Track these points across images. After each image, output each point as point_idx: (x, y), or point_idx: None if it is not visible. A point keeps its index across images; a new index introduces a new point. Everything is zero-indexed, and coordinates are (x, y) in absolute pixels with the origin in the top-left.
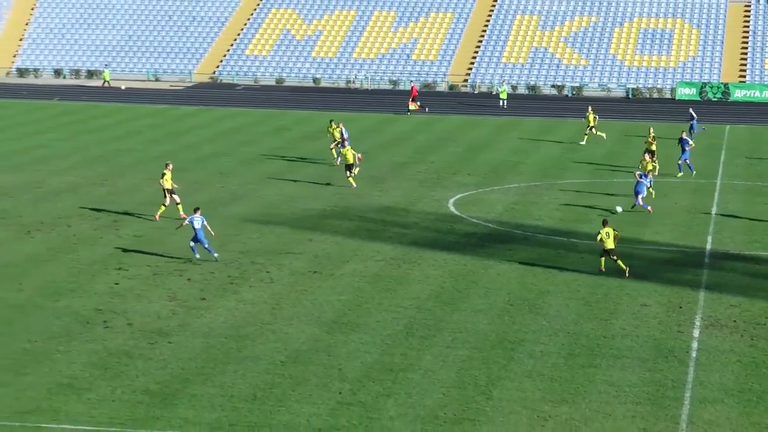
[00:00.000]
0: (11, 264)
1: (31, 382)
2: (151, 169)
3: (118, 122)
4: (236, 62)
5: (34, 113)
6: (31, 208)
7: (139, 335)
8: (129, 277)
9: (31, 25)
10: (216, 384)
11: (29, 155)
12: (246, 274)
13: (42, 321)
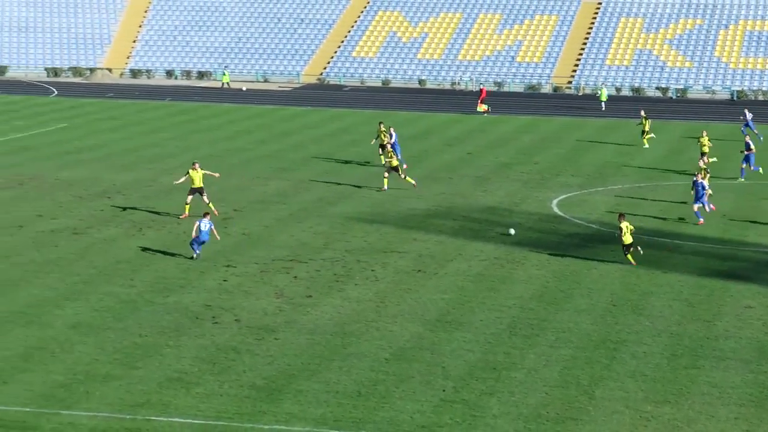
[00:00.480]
0: (123, 260)
1: (141, 375)
2: (260, 169)
3: (228, 122)
4: (343, 64)
5: (146, 113)
6: (143, 206)
7: (247, 331)
8: (237, 274)
9: (144, 27)
10: (321, 380)
11: (141, 154)
12: (351, 272)
13: (152, 316)
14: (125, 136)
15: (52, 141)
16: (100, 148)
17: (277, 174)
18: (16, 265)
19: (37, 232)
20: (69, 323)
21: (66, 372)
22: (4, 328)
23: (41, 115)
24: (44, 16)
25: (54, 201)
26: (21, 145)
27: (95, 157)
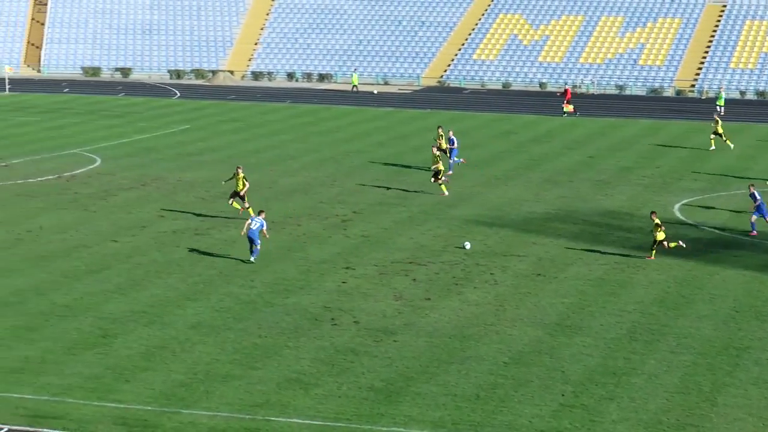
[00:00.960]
0: (243, 261)
1: (261, 376)
2: (379, 171)
3: (348, 124)
4: (464, 66)
5: (267, 115)
6: (263, 208)
7: (365, 333)
8: (356, 276)
9: (266, 29)
10: (439, 383)
11: (262, 156)
12: (470, 275)
13: (272, 317)
14: (246, 138)
15: (174, 142)
16: (221, 150)
17: (397, 176)
18: (139, 266)
19: (159, 233)
20: (190, 323)
21: (186, 371)
22: (126, 328)
23: (164, 117)
24: (168, 19)
25: (176, 202)
26: (144, 147)
27: (217, 159)
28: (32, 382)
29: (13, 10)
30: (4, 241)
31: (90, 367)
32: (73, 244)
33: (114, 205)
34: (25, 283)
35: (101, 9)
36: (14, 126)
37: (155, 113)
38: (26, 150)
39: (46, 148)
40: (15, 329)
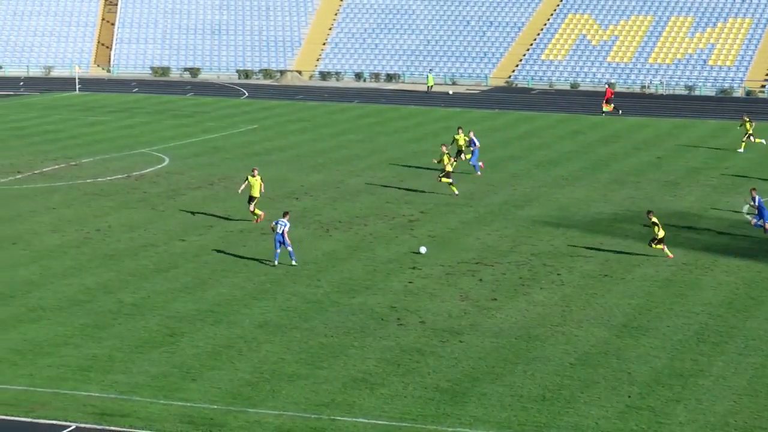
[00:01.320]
0: (310, 261)
1: (327, 375)
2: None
3: (416, 125)
4: (532, 66)
5: (335, 115)
6: (330, 207)
7: (431, 333)
8: (422, 276)
9: (334, 29)
10: (505, 383)
11: (330, 156)
12: (537, 275)
13: (338, 317)
14: (314, 138)
15: (242, 142)
16: (289, 150)
17: (463, 177)
18: (206, 265)
19: (226, 232)
20: (256, 322)
21: (253, 370)
22: (193, 326)
23: (232, 117)
24: (236, 19)
25: (243, 201)
26: (212, 146)
27: (284, 158)
28: (100, 380)
29: (83, 11)
30: (74, 240)
31: (157, 366)
32: (141, 243)
33: (182, 204)
34: (94, 282)
35: (171, 9)
36: (84, 125)
37: (223, 113)
38: (96, 149)
39: (116, 147)
40: (83, 327)
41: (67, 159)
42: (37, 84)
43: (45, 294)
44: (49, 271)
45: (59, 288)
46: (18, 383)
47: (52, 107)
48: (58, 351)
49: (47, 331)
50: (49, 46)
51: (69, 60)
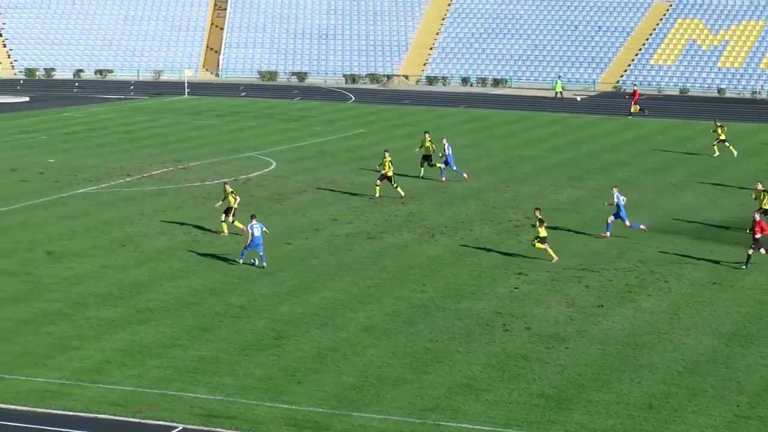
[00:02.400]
0: (416, 265)
1: (432, 380)
2: (553, 177)
3: (523, 129)
4: (640, 72)
5: (441, 120)
6: (435, 212)
7: (537, 339)
8: (528, 282)
9: (441, 34)
10: (612, 391)
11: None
12: (644, 282)
13: (443, 321)
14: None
15: (348, 146)
16: (395, 154)
17: (571, 182)
18: (312, 268)
19: (332, 236)
20: (361, 326)
21: (358, 374)
22: (299, 330)
23: (339, 121)
24: (344, 24)
25: (349, 205)
26: (318, 150)
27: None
28: (207, 381)
29: (193, 15)
30: (182, 243)
31: (263, 368)
32: None
33: (288, 207)
34: (201, 284)
35: (279, 14)
36: (193, 129)
37: (330, 117)
38: (204, 153)
39: (223, 151)
40: (191, 329)
41: (175, 162)
42: (147, 88)
43: (153, 296)
44: (157, 273)
45: (167, 290)
46: (126, 384)
47: (161, 111)
48: (165, 352)
49: (155, 332)
50: (159, 50)
51: (178, 64)
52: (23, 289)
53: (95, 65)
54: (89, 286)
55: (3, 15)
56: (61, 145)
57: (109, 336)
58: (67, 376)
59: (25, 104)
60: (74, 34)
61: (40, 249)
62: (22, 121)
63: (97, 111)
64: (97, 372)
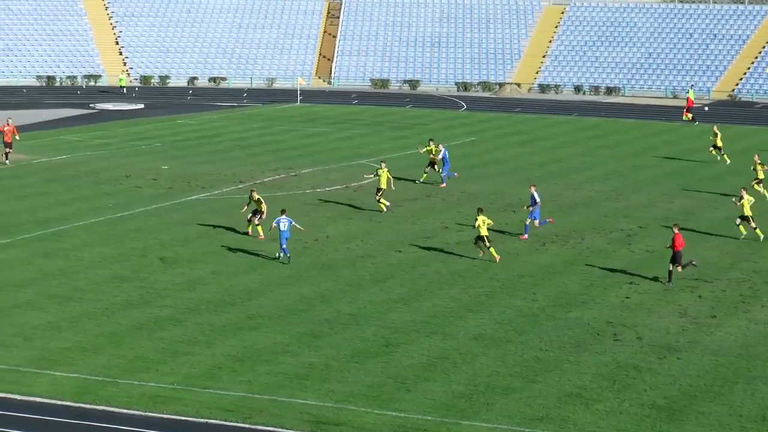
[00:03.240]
0: (526, 274)
1: (541, 390)
2: (666, 186)
3: (635, 138)
4: (756, 80)
5: (553, 128)
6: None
7: (648, 350)
8: (640, 292)
9: (554, 42)
10: (724, 402)
11: (548, 169)
12: (758, 293)
13: (553, 330)
14: (532, 151)
15: (460, 154)
16: (506, 162)
17: (684, 191)
18: (422, 276)
19: (442, 244)
20: (471, 335)
21: (467, 383)
22: (408, 337)
23: (450, 129)
24: (456, 32)
25: (460, 213)
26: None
27: (502, 171)
28: (316, 388)
29: (306, 24)
30: (292, 249)
31: (372, 376)
32: (358, 253)
33: (399, 215)
34: (311, 291)
35: (392, 22)
36: (305, 136)
37: (442, 125)
38: (315, 160)
39: (335, 158)
40: (301, 336)
41: (287, 169)
42: (260, 95)
43: (264, 302)
44: (268, 279)
45: (278, 296)
46: (237, 389)
47: (273, 118)
48: (275, 359)
49: (265, 338)
50: (272, 58)
51: (291, 72)
52: (136, 295)
53: (209, 73)
54: (201, 291)
55: (119, 24)
56: (175, 152)
57: (220, 342)
58: (178, 381)
59: (141, 111)
60: (188, 42)
61: (153, 255)
62: (137, 128)
63: (211, 118)
64: (208, 377)
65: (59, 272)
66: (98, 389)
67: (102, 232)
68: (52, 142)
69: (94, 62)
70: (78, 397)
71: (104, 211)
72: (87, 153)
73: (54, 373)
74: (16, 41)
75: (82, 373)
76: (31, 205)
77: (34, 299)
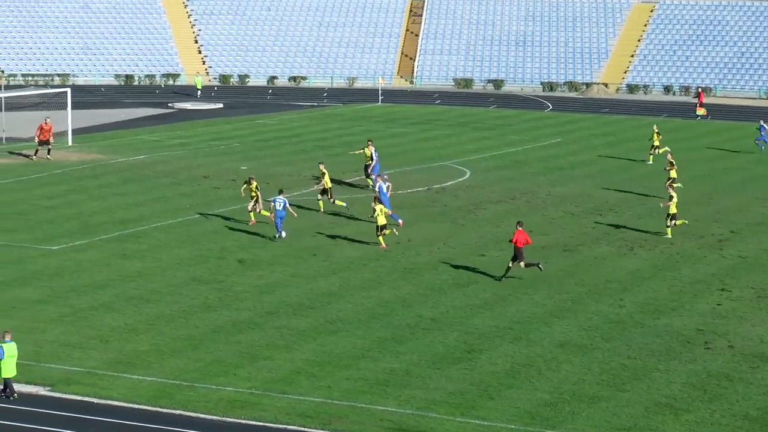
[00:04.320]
0: (614, 279)
1: (629, 398)
2: (760, 189)
3: (727, 140)
4: None
5: (641, 129)
6: (634, 224)
7: (741, 358)
8: (732, 299)
9: (643, 41)
10: None
11: (636, 171)
12: None
13: (642, 338)
14: (619, 153)
15: (545, 156)
16: (593, 164)
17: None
18: (506, 280)
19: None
20: (556, 341)
21: (552, 391)
22: (492, 343)
23: (535, 130)
24: (542, 30)
25: (545, 216)
26: (514, 160)
27: (588, 173)
28: (397, 394)
29: (388, 22)
30: (373, 253)
31: (454, 382)
32: (440, 257)
33: (482, 218)
34: (393, 295)
35: (476, 20)
36: (386, 137)
37: (526, 126)
38: (397, 161)
39: (417, 159)
40: (381, 341)
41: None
42: (341, 95)
43: (344, 306)
44: (348, 283)
45: (358, 300)
46: (316, 395)
47: (354, 118)
48: (355, 364)
49: (345, 343)
50: (353, 57)
51: (372, 71)
52: (214, 297)
53: (289, 72)
54: (280, 295)
55: (199, 22)
56: (254, 152)
57: (299, 346)
58: (256, 386)
59: (219, 111)
60: (268, 40)
61: (231, 257)
62: (217, 127)
63: (290, 118)
64: (287, 382)
65: (137, 274)
66: (175, 393)
67: (180, 233)
68: (130, 141)
69: (173, 61)
70: (154, 401)
71: (182, 212)
72: (165, 153)
73: (131, 377)
74: (95, 39)
75: (159, 377)
76: (108, 206)
77: (112, 301)
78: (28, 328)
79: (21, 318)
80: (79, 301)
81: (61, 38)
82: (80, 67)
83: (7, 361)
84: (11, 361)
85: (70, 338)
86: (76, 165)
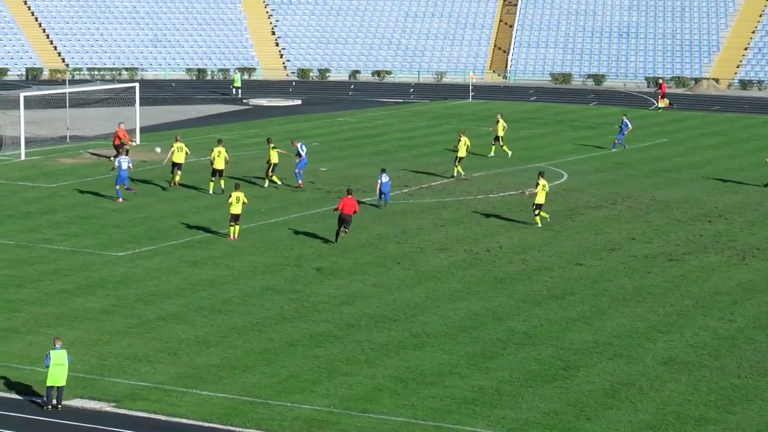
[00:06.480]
0: (723, 291)
1: (739, 421)
2: None
3: None
4: None
5: (756, 129)
6: (747, 232)
7: None
8: None
9: (758, 33)
10: None
11: (748, 174)
12: None
13: (753, 355)
14: (731, 154)
15: (650, 157)
16: (702, 166)
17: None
18: (605, 292)
19: (628, 257)
20: (660, 358)
21: (655, 412)
22: (590, 360)
23: (639, 129)
24: (647, 21)
25: (649, 223)
26: (616, 161)
27: (696, 176)
28: (486, 414)
29: (480, 12)
30: (462, 261)
31: (549, 402)
32: (534, 266)
33: (580, 224)
34: (482, 307)
35: (575, 10)
36: (476, 137)
37: (632, 124)
38: (488, 163)
39: (509, 161)
40: (470, 357)
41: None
42: (428, 91)
43: (430, 318)
44: (434, 293)
45: (445, 312)
46: (399, 414)
47: (442, 116)
48: (442, 381)
49: (431, 358)
50: (442, 50)
51: (462, 65)
52: (290, 308)
53: (372, 66)
54: (361, 306)
55: (276, 12)
56: (335, 152)
57: (381, 361)
58: (335, 404)
59: (298, 107)
60: (351, 32)
61: (309, 265)
62: (295, 125)
63: (374, 116)
64: (368, 400)
65: (208, 282)
66: (248, 411)
67: (254, 239)
68: (202, 140)
69: (248, 54)
70: (226, 419)
71: (256, 216)
72: (239, 153)
73: (201, 392)
74: (165, 31)
75: (231, 393)
76: (178, 209)
77: (181, 311)
78: (92, 339)
79: (85, 329)
80: (146, 311)
81: (129, 29)
82: (149, 61)
83: (54, 369)
84: (59, 369)
85: (137, 351)
86: (144, 166)
